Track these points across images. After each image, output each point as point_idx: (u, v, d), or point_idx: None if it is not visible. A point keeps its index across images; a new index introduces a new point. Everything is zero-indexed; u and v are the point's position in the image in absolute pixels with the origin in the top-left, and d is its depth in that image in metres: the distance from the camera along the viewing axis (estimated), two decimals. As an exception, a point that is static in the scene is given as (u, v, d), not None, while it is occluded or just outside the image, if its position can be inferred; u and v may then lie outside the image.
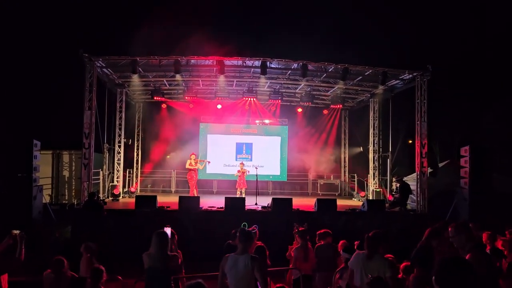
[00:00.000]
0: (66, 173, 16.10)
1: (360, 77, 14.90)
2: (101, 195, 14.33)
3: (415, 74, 13.60)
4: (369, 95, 17.10)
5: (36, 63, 21.29)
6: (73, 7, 23.82)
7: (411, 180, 14.60)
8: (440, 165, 16.22)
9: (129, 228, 10.61)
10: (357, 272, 4.59)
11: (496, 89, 25.21)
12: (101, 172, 15.04)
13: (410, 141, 19.67)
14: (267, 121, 19.16)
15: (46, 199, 13.31)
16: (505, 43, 25.67)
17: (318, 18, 28.18)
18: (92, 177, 12.62)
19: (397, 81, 14.91)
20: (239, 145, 19.02)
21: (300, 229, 6.65)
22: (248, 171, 15.62)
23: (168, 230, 5.17)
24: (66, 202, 15.44)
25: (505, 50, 25.42)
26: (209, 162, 16.21)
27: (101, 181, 14.98)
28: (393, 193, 14.97)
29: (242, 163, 15.83)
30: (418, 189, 13.13)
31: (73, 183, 15.91)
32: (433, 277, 2.26)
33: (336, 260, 6.22)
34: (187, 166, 14.69)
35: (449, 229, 4.15)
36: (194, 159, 14.75)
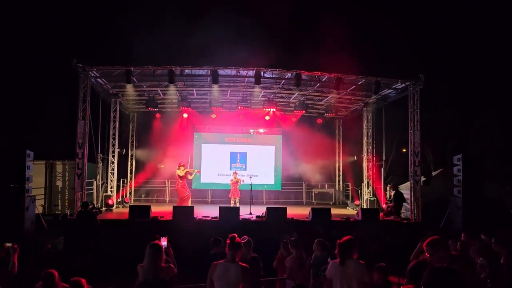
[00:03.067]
0: (59, 183, 16.02)
1: (353, 87, 15.00)
2: (94, 205, 14.24)
3: (407, 83, 13.71)
4: (362, 104, 17.21)
5: (29, 72, 21.27)
6: (67, 17, 23.88)
7: (405, 188, 14.65)
8: (434, 173, 16.32)
9: (122, 238, 10.54)
10: (336, 281, 4.59)
11: (486, 97, 25.48)
12: (94, 182, 14.97)
13: (404, 150, 19.79)
14: (261, 130, 19.20)
15: (39, 209, 13.22)
16: (497, 52, 26.01)
17: (311, 28, 28.41)
18: (86, 187, 12.55)
19: (390, 91, 15.03)
20: (233, 154, 19.02)
21: (292, 239, 6.66)
22: (243, 181, 15.62)
23: (164, 242, 5.14)
24: (59, 212, 15.35)
25: (497, 58, 25.75)
26: (198, 171, 15.79)
27: (94, 191, 14.90)
28: (388, 202, 15.01)
29: (235, 172, 15.89)
30: (412, 197, 13.17)
31: (66, 193, 15.83)
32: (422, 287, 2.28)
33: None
34: (182, 173, 14.34)
35: (424, 246, 4.16)
36: (183, 169, 14.45)
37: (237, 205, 14.64)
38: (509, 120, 24.40)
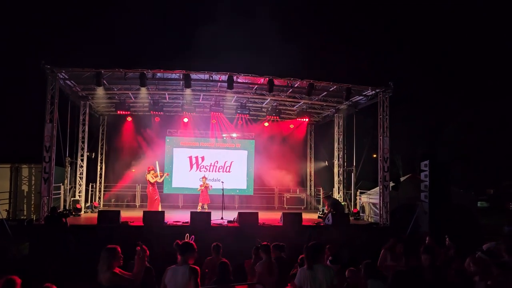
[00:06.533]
0: (25, 188, 15.52)
1: (325, 93, 15.21)
2: (65, 208, 13.92)
3: (377, 90, 14.00)
4: (334, 110, 17.46)
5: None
6: (36, 17, 23.32)
7: (374, 193, 14.92)
8: (402, 179, 16.66)
9: (90, 244, 10.28)
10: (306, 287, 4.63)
11: (455, 106, 26.33)
12: (62, 187, 14.60)
13: (374, 155, 20.16)
14: (234, 135, 19.20)
15: (3, 214, 12.78)
16: (464, 62, 26.93)
17: (284, 35, 28.69)
18: (53, 192, 12.23)
19: (361, 97, 15.31)
20: (206, 158, 18.90)
21: (262, 243, 6.67)
22: (211, 186, 15.45)
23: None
24: (25, 217, 14.86)
25: (465, 68, 26.66)
26: (167, 174, 15.50)
27: (62, 195, 14.53)
28: (320, 214, 14.91)
29: (204, 177, 15.68)
30: (381, 202, 13.43)
31: (33, 198, 15.35)
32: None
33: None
34: (152, 180, 14.02)
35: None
36: (154, 173, 14.15)
37: (205, 210, 14.44)
38: (477, 129, 25.29)
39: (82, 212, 15.05)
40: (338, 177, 17.72)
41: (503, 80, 26.95)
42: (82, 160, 16.10)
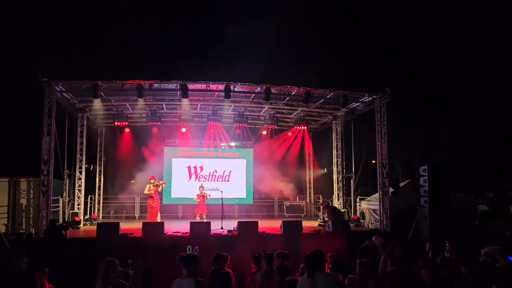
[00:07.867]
0: (23, 201, 15.43)
1: (322, 100, 15.23)
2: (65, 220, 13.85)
3: (374, 96, 14.03)
4: (331, 117, 17.48)
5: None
6: (33, 30, 23.40)
7: (374, 200, 14.88)
8: (401, 184, 16.64)
9: (89, 256, 10.21)
10: None
11: (450, 110, 26.37)
12: (60, 200, 14.53)
13: (374, 161, 20.18)
14: (232, 144, 19.20)
15: (1, 229, 12.72)
16: (460, 67, 27.04)
17: (280, 43, 28.85)
18: (51, 205, 12.18)
19: (358, 104, 15.33)
20: (204, 168, 18.86)
21: (267, 252, 6.62)
22: (209, 195, 15.37)
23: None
24: (23, 231, 14.78)
25: (460, 73, 26.75)
26: (164, 182, 15.56)
27: (60, 208, 14.45)
28: (321, 222, 14.84)
29: (201, 186, 15.58)
30: (381, 208, 13.40)
31: (31, 211, 15.27)
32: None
33: None
34: (147, 191, 14.16)
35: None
36: (153, 183, 14.24)
37: (204, 221, 14.39)
38: (475, 131, 25.31)
39: (81, 225, 14.97)
40: (338, 184, 17.69)
41: (503, 81, 27.04)
42: (80, 172, 16.06)
